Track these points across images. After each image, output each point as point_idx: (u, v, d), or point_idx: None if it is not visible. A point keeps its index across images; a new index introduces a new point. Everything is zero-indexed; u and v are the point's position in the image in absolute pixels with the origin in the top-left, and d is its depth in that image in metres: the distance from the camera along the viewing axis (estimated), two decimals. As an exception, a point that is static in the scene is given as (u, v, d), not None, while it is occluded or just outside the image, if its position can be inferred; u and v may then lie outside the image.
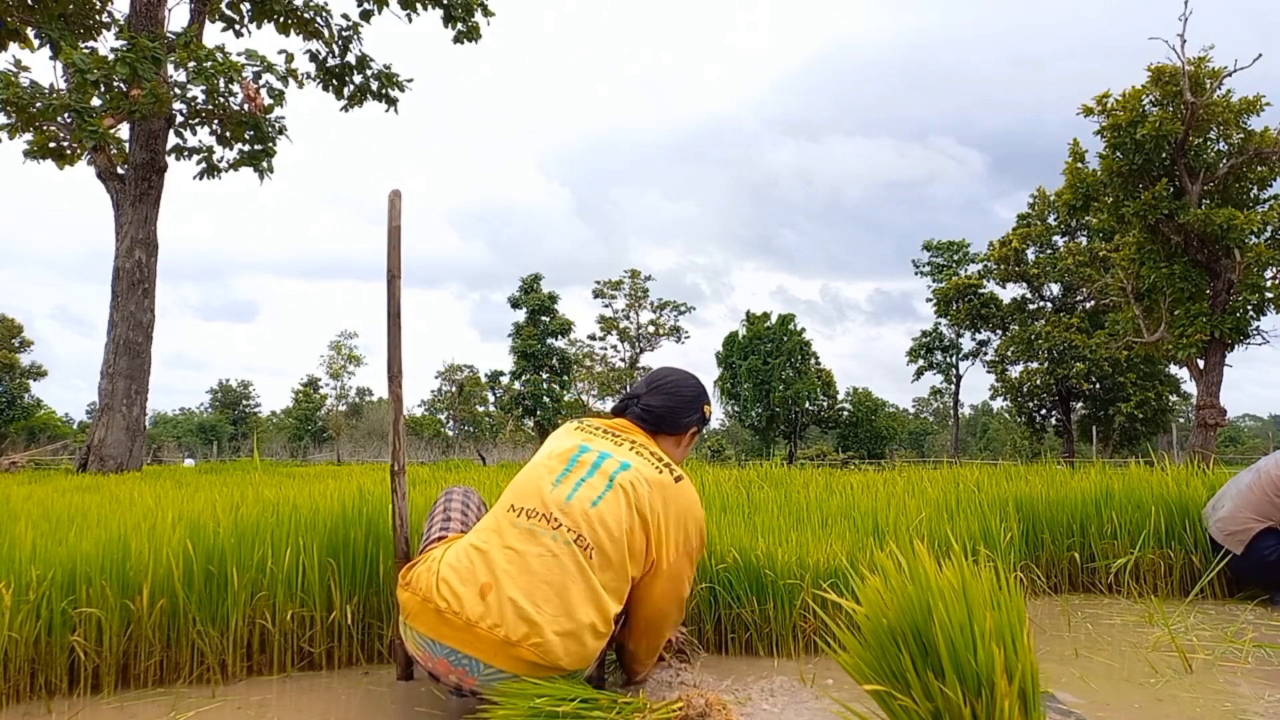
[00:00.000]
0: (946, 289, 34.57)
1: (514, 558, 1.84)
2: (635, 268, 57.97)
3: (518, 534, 1.88)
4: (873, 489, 4.34)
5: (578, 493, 1.93)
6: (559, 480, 1.97)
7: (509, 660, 1.77)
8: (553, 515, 1.89)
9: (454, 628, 1.79)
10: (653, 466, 2.03)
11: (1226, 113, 12.48)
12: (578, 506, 1.90)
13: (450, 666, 1.82)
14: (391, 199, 2.38)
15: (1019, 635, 1.39)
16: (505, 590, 1.79)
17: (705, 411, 2.24)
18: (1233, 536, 3.25)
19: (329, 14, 13.16)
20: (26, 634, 2.08)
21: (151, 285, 11.78)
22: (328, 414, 51.70)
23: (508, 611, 1.77)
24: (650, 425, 2.16)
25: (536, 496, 1.94)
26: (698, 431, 2.25)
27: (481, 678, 1.80)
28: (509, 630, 1.76)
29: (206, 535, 2.35)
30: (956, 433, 40.66)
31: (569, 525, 1.87)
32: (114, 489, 5.17)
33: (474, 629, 1.77)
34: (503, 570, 1.82)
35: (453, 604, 1.80)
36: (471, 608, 1.79)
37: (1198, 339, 12.48)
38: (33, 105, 9.80)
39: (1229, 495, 3.38)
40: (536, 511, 1.91)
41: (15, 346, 42.17)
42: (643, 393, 2.21)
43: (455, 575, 1.84)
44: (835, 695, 2.07)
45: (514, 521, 1.91)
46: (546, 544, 1.85)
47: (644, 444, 2.10)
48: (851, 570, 2.38)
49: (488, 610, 1.78)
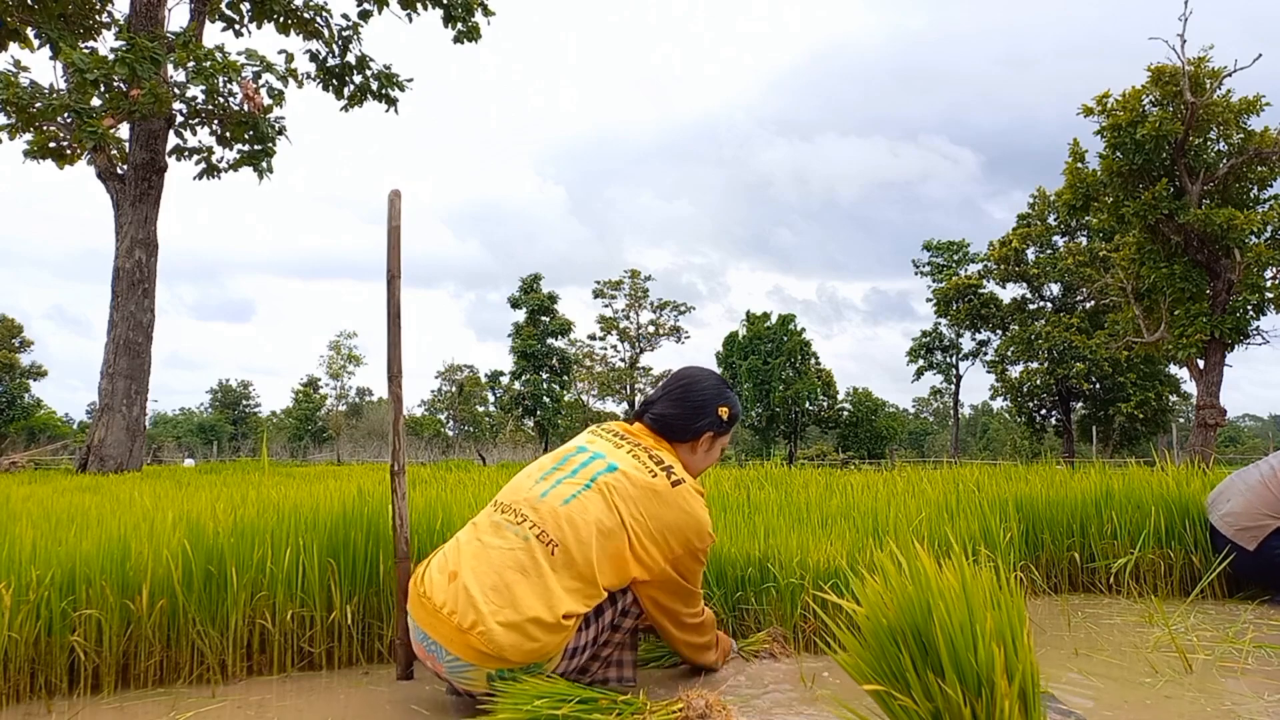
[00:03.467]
0: (946, 289, 34.59)
1: (479, 549, 1.90)
2: (633, 268, 58.05)
3: (490, 527, 1.95)
4: (873, 489, 4.34)
5: (554, 490, 1.96)
6: (542, 478, 2.01)
7: (463, 648, 1.80)
8: (522, 511, 1.94)
9: (427, 612, 1.87)
10: (646, 470, 2.01)
11: (1226, 113, 12.47)
12: (548, 504, 1.93)
13: (425, 651, 1.90)
14: (391, 199, 2.38)
15: (1019, 635, 1.39)
16: (463, 579, 1.85)
17: (721, 414, 2.18)
18: (1245, 532, 3.21)
19: (329, 14, 13.17)
20: (26, 634, 2.08)
21: (151, 285, 11.79)
22: (328, 414, 51.74)
23: (461, 599, 1.83)
24: (663, 433, 2.15)
25: (517, 493, 2.00)
26: (717, 435, 2.20)
27: (446, 664, 1.85)
28: (461, 617, 1.81)
29: (206, 535, 2.35)
30: (956, 433, 40.68)
31: (534, 520, 1.91)
32: (114, 489, 5.17)
33: (438, 614, 1.84)
34: (466, 560, 1.89)
35: (429, 589, 1.89)
36: (439, 593, 1.86)
37: (1198, 339, 12.48)
38: (33, 105, 9.81)
39: (1237, 490, 3.33)
40: (511, 506, 1.97)
41: (15, 346, 42.17)
42: (656, 398, 2.21)
43: (437, 564, 1.94)
44: (835, 695, 2.07)
45: (491, 516, 1.99)
46: (509, 537, 1.90)
47: (650, 448, 2.08)
48: (851, 570, 2.38)
49: (448, 597, 1.85)
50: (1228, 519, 3.28)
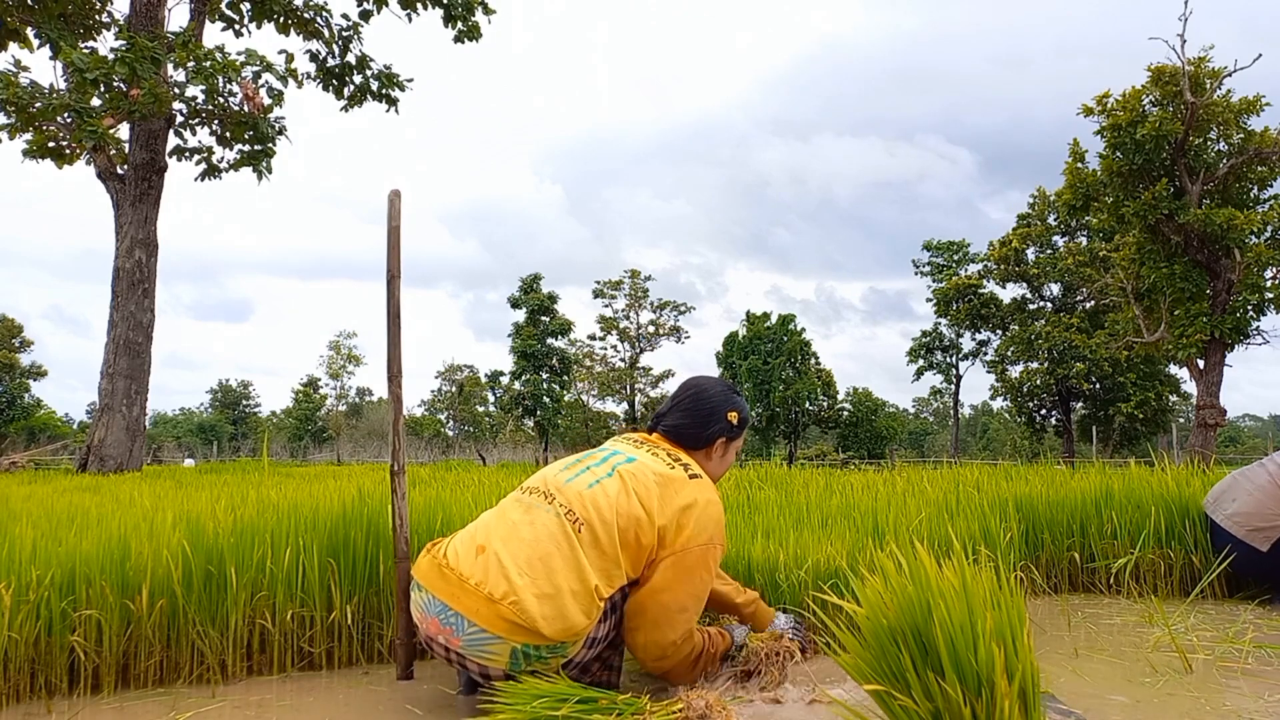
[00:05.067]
0: (946, 289, 34.56)
1: (508, 526, 1.98)
2: (633, 268, 58.05)
3: (518, 507, 2.03)
4: (873, 489, 4.34)
5: (579, 477, 2.06)
6: (565, 468, 2.12)
7: (491, 619, 1.84)
8: (550, 492, 2.03)
9: (448, 582, 1.92)
10: (664, 463, 2.10)
11: (1226, 113, 12.47)
12: (574, 487, 2.02)
13: (440, 625, 1.91)
14: (391, 199, 2.38)
15: (1019, 635, 1.39)
16: (494, 552, 1.92)
17: (731, 419, 2.25)
18: (1258, 533, 3.18)
19: (329, 14, 13.16)
20: (26, 634, 2.08)
21: (151, 285, 11.79)
22: (328, 414, 51.70)
23: (493, 570, 1.88)
24: (678, 442, 2.23)
25: (543, 480, 2.10)
26: (729, 440, 2.26)
27: (465, 637, 1.87)
28: (491, 587, 1.86)
29: (206, 535, 2.35)
30: (956, 433, 40.66)
31: (562, 501, 1.99)
32: (114, 489, 5.18)
33: (464, 584, 1.89)
34: (496, 535, 1.96)
35: (452, 561, 1.96)
36: (466, 565, 1.93)
37: (1198, 339, 12.48)
38: (33, 105, 9.81)
39: (1244, 491, 3.29)
40: (538, 490, 2.07)
41: (15, 346, 42.16)
42: (667, 410, 2.29)
43: (461, 540, 2.02)
44: (835, 695, 2.07)
45: (517, 498, 2.08)
46: (538, 515, 1.98)
47: (668, 449, 2.18)
48: (851, 570, 2.38)
49: (476, 568, 1.91)
50: (1237, 519, 3.24)
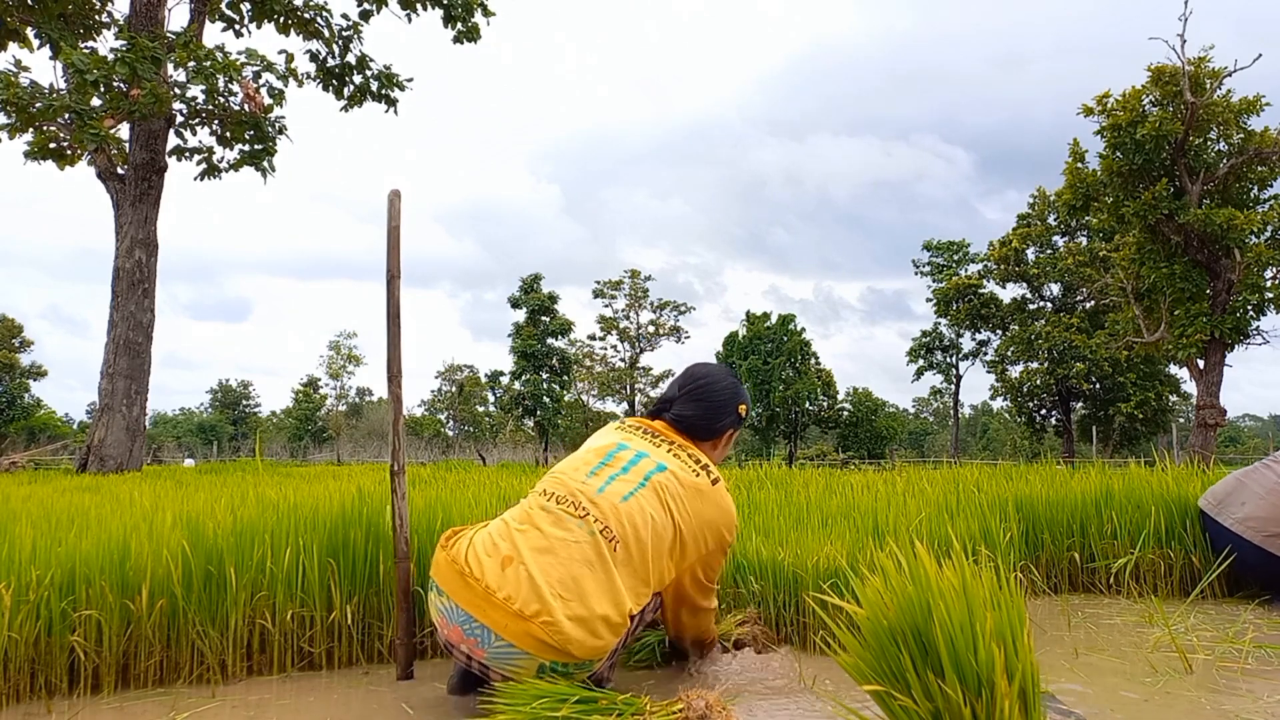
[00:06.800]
0: (946, 289, 34.57)
1: (539, 539, 1.88)
2: (633, 268, 58.03)
3: (547, 518, 1.93)
4: (873, 489, 4.33)
5: (610, 486, 1.97)
6: (593, 473, 2.02)
7: (519, 635, 1.78)
8: (582, 504, 1.93)
9: (472, 592, 1.83)
10: (690, 470, 2.07)
11: (1226, 113, 12.48)
12: (608, 500, 1.94)
13: (463, 635, 1.85)
14: (391, 199, 2.37)
15: (1019, 635, 1.38)
16: (525, 567, 1.83)
17: (741, 411, 2.27)
18: (1275, 539, 3.15)
19: (329, 14, 13.15)
20: (26, 634, 2.08)
21: (151, 285, 11.79)
22: (328, 414, 51.68)
23: (523, 587, 1.81)
24: (686, 433, 2.20)
25: (569, 485, 1.99)
26: (735, 432, 2.29)
27: (491, 650, 1.82)
28: (523, 605, 1.79)
29: (206, 535, 2.35)
30: (956, 433, 40.66)
31: (597, 515, 1.91)
32: (114, 489, 5.17)
33: (490, 597, 1.81)
34: (526, 548, 1.86)
35: (475, 569, 1.85)
36: (491, 576, 1.83)
37: (1198, 339, 12.48)
38: (33, 105, 9.80)
39: (1253, 494, 3.24)
40: (567, 499, 1.96)
41: (15, 346, 42.15)
42: (675, 397, 2.25)
43: (483, 546, 1.91)
44: (835, 695, 2.07)
45: (544, 505, 1.96)
46: (573, 530, 1.89)
47: (682, 445, 2.15)
48: (851, 570, 2.38)
49: (504, 582, 1.82)
50: (1252, 524, 3.19)
